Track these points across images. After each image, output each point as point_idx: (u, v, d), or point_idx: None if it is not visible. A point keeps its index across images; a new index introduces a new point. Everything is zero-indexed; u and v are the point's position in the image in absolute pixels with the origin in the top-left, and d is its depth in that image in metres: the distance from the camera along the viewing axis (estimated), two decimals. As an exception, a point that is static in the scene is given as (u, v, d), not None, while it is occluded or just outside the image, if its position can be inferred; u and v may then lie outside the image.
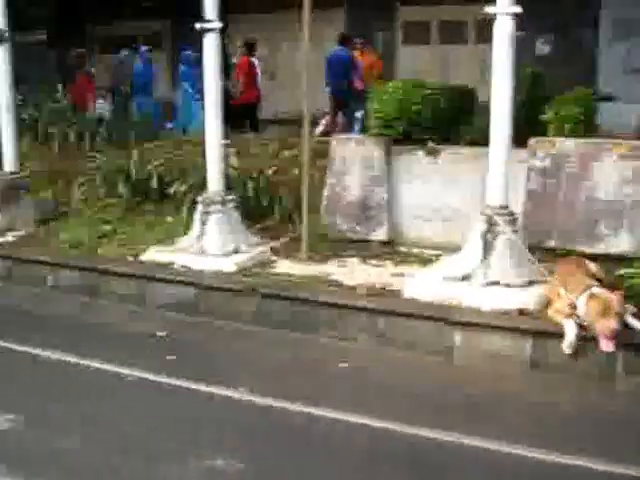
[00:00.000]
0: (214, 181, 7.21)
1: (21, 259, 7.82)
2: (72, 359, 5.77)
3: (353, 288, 6.41)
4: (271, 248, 7.33)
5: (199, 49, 7.40)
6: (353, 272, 6.81)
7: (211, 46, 7.24)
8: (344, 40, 13.31)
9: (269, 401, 4.93)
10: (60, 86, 12.58)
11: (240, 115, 12.71)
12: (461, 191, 7.21)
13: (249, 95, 13.53)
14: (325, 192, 7.66)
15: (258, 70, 13.96)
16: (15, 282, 7.75)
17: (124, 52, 15.28)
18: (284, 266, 7.00)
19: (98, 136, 10.13)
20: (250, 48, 13.82)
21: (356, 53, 13.63)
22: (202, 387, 5.19)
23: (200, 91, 8.14)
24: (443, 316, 5.69)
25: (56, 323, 6.70)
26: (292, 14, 15.68)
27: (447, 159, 7.34)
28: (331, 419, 4.69)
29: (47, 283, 7.52)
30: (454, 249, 6.46)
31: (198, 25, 7.26)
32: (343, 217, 7.62)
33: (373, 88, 8.18)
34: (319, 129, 12.63)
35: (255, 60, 13.94)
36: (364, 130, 9.59)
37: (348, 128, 12.48)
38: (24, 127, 10.29)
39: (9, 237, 8.28)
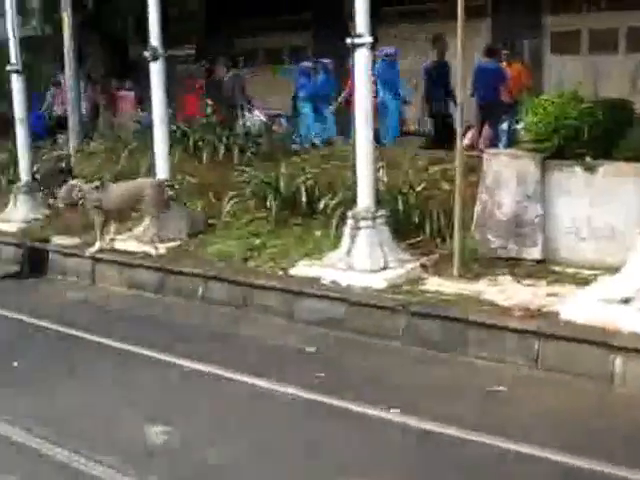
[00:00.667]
0: (364, 196, 7.26)
1: (173, 271, 8.12)
2: (221, 372, 5.95)
3: (505, 308, 6.29)
4: (421, 265, 7.30)
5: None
6: (505, 291, 6.68)
7: (362, 60, 7.30)
8: (491, 52, 13.13)
9: (420, 423, 4.91)
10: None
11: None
12: (620, 209, 6.95)
13: None
14: (476, 208, 7.57)
15: None
16: (167, 294, 8.07)
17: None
18: (434, 283, 6.96)
19: (248, 150, 10.39)
20: None
21: (503, 64, 13.42)
22: (352, 406, 5.22)
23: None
24: (603, 340, 5.51)
25: (206, 335, 6.93)
26: (436, 25, 15.73)
27: (605, 175, 7.09)
28: (484, 444, 4.61)
29: (198, 295, 7.78)
30: (611, 269, 6.25)
31: (349, 40, 7.34)
32: (495, 234, 7.49)
33: (526, 101, 8.02)
34: (465, 142, 12.49)
35: None
36: (512, 144, 9.42)
37: (494, 141, 12.29)
38: (174, 140, 10.69)
39: (161, 248, 8.59)
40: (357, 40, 7.26)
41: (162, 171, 9.05)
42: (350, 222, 7.30)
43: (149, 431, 5.01)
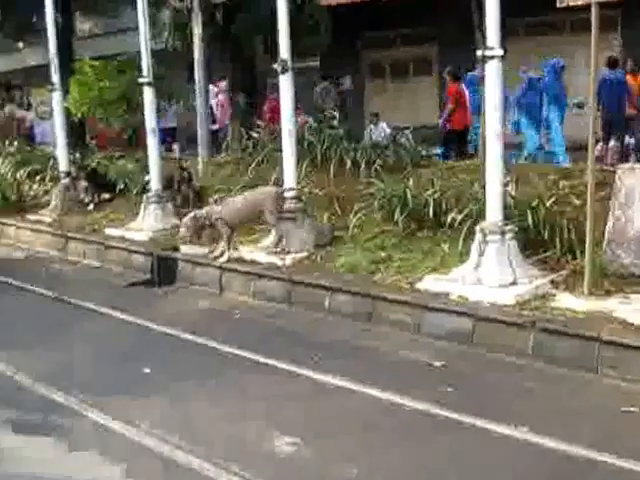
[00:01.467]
0: (493, 210, 7.27)
1: (299, 282, 8.31)
2: (349, 384, 6.07)
3: (638, 326, 6.18)
4: (551, 281, 7.24)
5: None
6: (638, 310, 6.55)
7: (493, 72, 7.33)
8: (614, 62, 12.87)
9: (549, 443, 4.88)
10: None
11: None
12: None
13: (457, 122, 13.68)
14: (609, 224, 7.44)
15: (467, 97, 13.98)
16: (293, 305, 8.26)
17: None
18: (564, 300, 6.88)
19: (374, 162, 10.51)
20: (455, 76, 14.04)
21: (628, 77, 13.12)
22: (479, 422, 5.25)
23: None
24: None
25: (333, 347, 7.06)
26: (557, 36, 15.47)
27: None
28: (614, 466, 4.56)
29: (324, 307, 7.94)
30: None
31: (479, 52, 7.39)
32: (627, 251, 7.35)
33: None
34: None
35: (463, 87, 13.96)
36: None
37: (620, 155, 12.05)
38: (301, 151, 10.92)
39: (288, 259, 8.81)
40: (488, 52, 7.30)
41: (290, 182, 9.28)
42: (478, 236, 7.32)
43: (279, 442, 5.18)
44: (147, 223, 11.02)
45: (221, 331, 7.59)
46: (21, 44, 30.36)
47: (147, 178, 11.60)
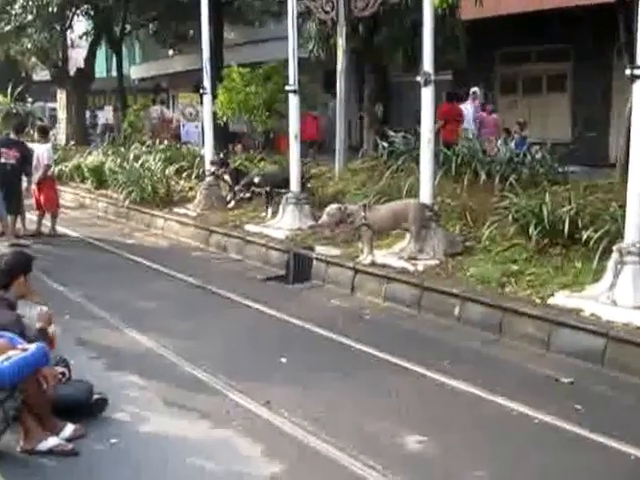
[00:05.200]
0: (633, 230, 7.01)
1: (430, 288, 8.26)
2: (476, 391, 6.02)
3: None
4: (689, 305, 6.94)
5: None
6: None
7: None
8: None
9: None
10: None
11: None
12: None
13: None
14: None
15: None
16: (422, 310, 8.22)
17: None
18: None
19: (509, 176, 10.35)
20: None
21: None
22: (609, 442, 5.08)
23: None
24: None
25: (460, 354, 6.99)
26: None
27: None
28: None
29: (454, 314, 7.86)
30: None
31: (628, 71, 7.16)
32: None
33: None
34: None
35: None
36: None
37: None
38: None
39: (419, 265, 8.77)
40: (637, 72, 7.06)
41: (426, 192, 9.24)
42: (615, 256, 7.08)
43: (408, 439, 5.18)
44: (285, 222, 11.20)
45: (353, 329, 7.63)
46: (170, 51, 31.53)
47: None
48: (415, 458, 4.94)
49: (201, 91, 13.83)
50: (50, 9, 23.05)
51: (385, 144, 12.84)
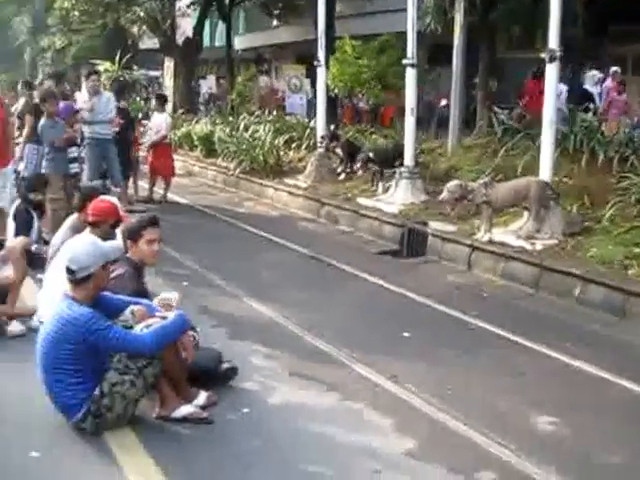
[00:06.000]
0: None
1: (549, 268, 8.13)
2: (603, 374, 5.91)
3: None
4: None
5: None
6: None
7: None
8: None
9: None
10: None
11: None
12: None
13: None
14: None
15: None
16: (540, 289, 8.10)
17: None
18: None
19: (630, 156, 10.05)
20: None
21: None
22: None
23: None
24: None
25: (584, 336, 6.86)
26: None
27: None
28: None
29: (573, 295, 7.73)
30: None
31: None
32: None
33: None
34: None
35: None
36: None
37: None
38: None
39: (538, 244, 8.64)
40: None
41: (545, 172, 9.06)
42: None
43: (537, 419, 5.15)
44: (397, 196, 11.17)
45: (472, 306, 7.59)
46: (275, 22, 31.63)
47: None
48: (547, 439, 4.90)
49: (315, 63, 13.84)
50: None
51: (500, 120, 12.58)
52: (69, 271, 4.67)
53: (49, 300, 5.92)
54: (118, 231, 6.15)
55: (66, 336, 4.54)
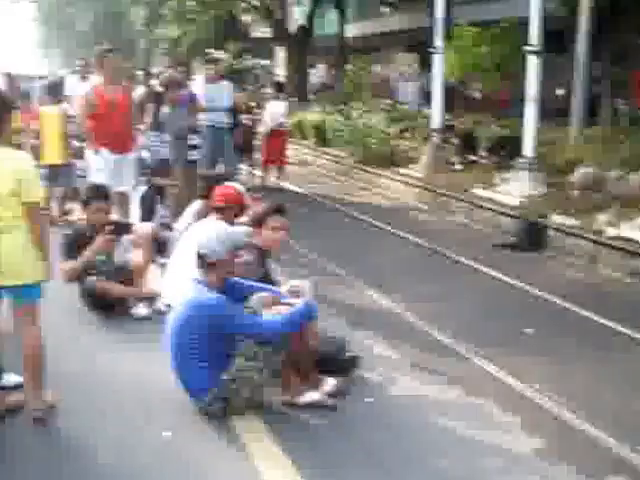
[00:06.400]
0: None
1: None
2: None
3: None
4: None
5: None
6: None
7: None
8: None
9: None
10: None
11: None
12: None
13: None
14: None
15: None
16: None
17: None
18: None
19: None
20: None
21: None
22: None
23: None
24: None
25: None
26: None
27: None
28: None
29: None
30: None
31: None
32: None
33: None
34: None
35: None
36: None
37: None
38: None
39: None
40: None
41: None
42: None
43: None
44: (516, 188, 10.90)
45: (598, 304, 7.30)
46: (386, 9, 31.42)
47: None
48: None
49: (431, 50, 13.69)
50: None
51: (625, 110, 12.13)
52: (199, 256, 4.75)
53: (174, 284, 6.06)
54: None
55: (195, 320, 4.61)
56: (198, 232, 6.03)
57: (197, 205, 6.99)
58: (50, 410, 4.74)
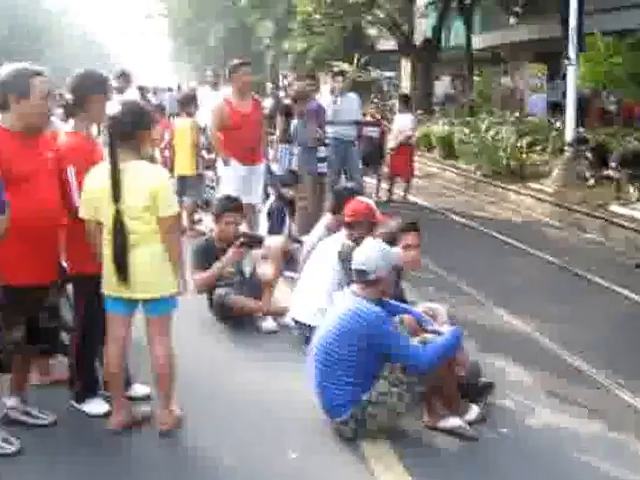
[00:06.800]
0: None
1: None
2: None
3: None
4: None
5: None
6: None
7: None
8: None
9: None
10: None
11: None
12: None
13: None
14: None
15: None
16: None
17: None
18: None
19: None
20: None
21: None
22: None
23: None
24: None
25: None
26: None
27: None
28: None
29: None
30: None
31: None
32: None
33: None
34: None
35: None
36: None
37: None
38: None
39: None
40: None
41: None
42: None
43: None
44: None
45: None
46: (512, 20, 30.68)
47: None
48: None
49: (565, 62, 13.19)
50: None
51: None
52: (359, 272, 4.63)
53: (304, 299, 5.96)
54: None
55: (353, 331, 4.47)
56: (329, 247, 5.92)
57: (327, 220, 6.87)
58: (178, 424, 4.70)
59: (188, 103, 10.80)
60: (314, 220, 7.57)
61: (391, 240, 5.31)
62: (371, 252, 4.67)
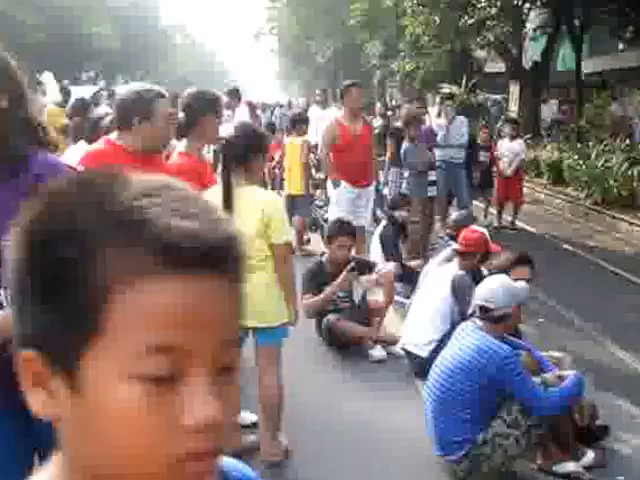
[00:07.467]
0: None
1: None
2: None
3: None
4: None
5: None
6: None
7: None
8: None
9: None
10: None
11: None
12: None
13: None
14: None
15: None
16: None
17: None
18: None
19: None
20: None
21: None
22: None
23: None
24: None
25: None
26: None
27: None
28: None
29: None
30: None
31: None
32: None
33: None
34: None
35: None
36: None
37: None
38: None
39: None
40: None
41: None
42: None
43: None
44: None
45: None
46: (621, 45, 29.69)
47: None
48: None
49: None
50: (515, 1, 23.10)
51: None
52: (484, 309, 4.45)
53: (415, 329, 5.79)
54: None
55: (478, 367, 4.28)
56: (442, 277, 5.75)
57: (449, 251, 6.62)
58: (285, 455, 4.57)
59: (301, 121, 10.77)
60: (422, 244, 7.38)
61: (502, 272, 5.11)
62: (495, 288, 4.47)
